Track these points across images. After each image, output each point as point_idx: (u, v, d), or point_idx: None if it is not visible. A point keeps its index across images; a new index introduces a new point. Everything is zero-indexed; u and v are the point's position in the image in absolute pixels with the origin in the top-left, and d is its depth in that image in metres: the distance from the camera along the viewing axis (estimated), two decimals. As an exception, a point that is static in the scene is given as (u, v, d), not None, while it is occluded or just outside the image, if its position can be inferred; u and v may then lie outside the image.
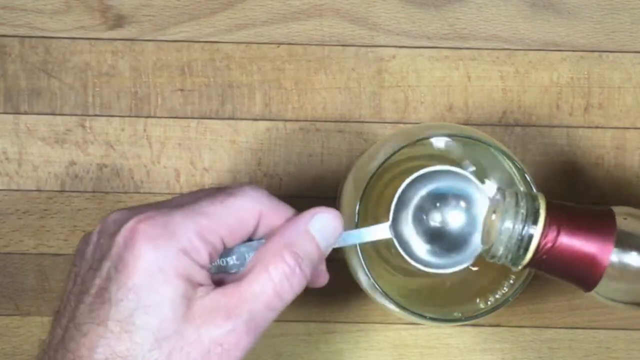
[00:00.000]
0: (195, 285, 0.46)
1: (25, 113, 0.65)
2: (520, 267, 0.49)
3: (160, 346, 0.45)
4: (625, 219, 0.48)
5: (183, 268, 0.45)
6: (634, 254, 0.48)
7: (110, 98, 0.65)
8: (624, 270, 0.48)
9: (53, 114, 0.65)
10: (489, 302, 0.55)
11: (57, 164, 0.65)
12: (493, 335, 0.66)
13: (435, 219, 0.54)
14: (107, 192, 0.66)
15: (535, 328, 0.66)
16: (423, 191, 0.53)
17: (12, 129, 0.65)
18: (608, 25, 0.65)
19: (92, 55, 0.65)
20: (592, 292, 0.49)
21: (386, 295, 0.53)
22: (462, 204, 0.53)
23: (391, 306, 0.54)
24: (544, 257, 0.48)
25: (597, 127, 0.66)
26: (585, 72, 0.65)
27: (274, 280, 0.46)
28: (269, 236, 0.48)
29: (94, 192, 0.66)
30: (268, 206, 0.48)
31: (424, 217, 0.54)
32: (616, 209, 0.49)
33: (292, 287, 0.47)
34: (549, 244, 0.48)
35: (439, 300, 0.57)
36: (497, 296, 0.55)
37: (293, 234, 0.48)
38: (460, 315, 0.55)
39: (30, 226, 0.66)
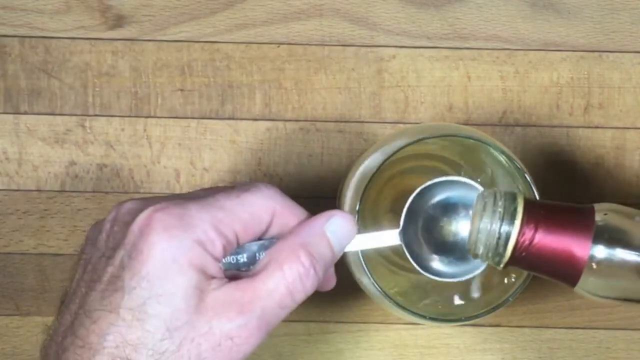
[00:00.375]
0: (208, 277, 0.46)
1: (25, 113, 0.65)
2: (502, 266, 0.49)
3: (171, 336, 0.45)
4: (605, 214, 0.49)
5: (197, 259, 0.45)
6: (613, 249, 0.48)
7: (110, 98, 0.65)
8: (605, 266, 0.48)
9: (53, 114, 0.65)
10: (490, 301, 0.55)
11: (57, 164, 0.65)
12: (493, 335, 0.66)
13: (442, 228, 0.54)
14: (107, 192, 0.66)
15: (535, 328, 0.66)
16: (431, 199, 0.53)
17: (12, 129, 0.65)
18: (608, 25, 0.65)
19: (92, 55, 0.65)
20: (578, 289, 0.49)
21: (386, 295, 0.53)
22: (470, 213, 0.53)
23: (391, 306, 0.54)
24: (524, 254, 0.48)
25: (597, 127, 0.66)
26: (585, 72, 0.65)
27: (287, 279, 0.47)
28: (284, 235, 0.49)
29: (94, 192, 0.66)
30: (282, 205, 0.49)
31: (432, 225, 0.54)
32: (598, 206, 0.49)
33: (304, 288, 0.47)
34: (527, 242, 0.48)
35: (439, 299, 0.57)
36: (499, 295, 0.55)
37: (309, 234, 0.48)
38: (460, 315, 0.55)
39: (30, 226, 0.66)
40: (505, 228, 0.48)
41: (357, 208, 0.53)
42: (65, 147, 0.65)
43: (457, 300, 0.57)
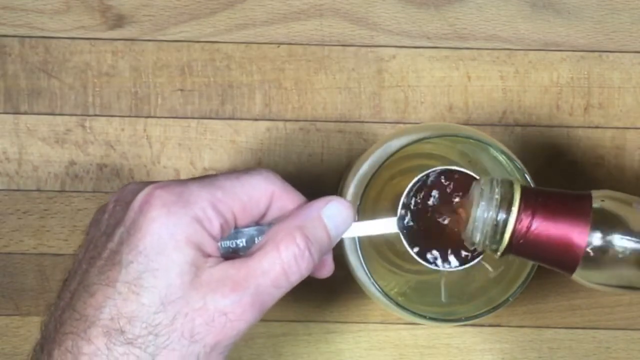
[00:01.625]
0: (204, 254, 0.46)
1: (25, 113, 0.65)
2: (499, 254, 0.49)
3: (165, 309, 0.45)
4: (603, 200, 0.48)
5: (194, 236, 0.46)
6: (611, 236, 0.48)
7: (110, 98, 0.65)
8: (603, 253, 0.48)
9: (53, 114, 0.65)
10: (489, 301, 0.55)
11: (57, 164, 0.65)
12: (493, 335, 0.66)
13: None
14: (107, 192, 0.66)
15: (535, 328, 0.66)
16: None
17: (12, 129, 0.65)
18: (608, 25, 0.65)
19: (92, 55, 0.65)
20: (577, 277, 0.49)
21: (386, 295, 0.53)
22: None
23: (391, 306, 0.54)
24: (521, 242, 0.48)
25: (597, 127, 0.66)
26: (585, 72, 0.65)
27: (283, 259, 0.47)
28: (281, 218, 0.49)
29: (94, 192, 0.66)
30: (281, 189, 0.49)
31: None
32: (595, 193, 0.49)
33: (299, 269, 0.47)
34: (524, 229, 0.48)
35: (439, 299, 0.57)
36: (499, 295, 0.55)
37: (306, 217, 0.48)
38: (460, 315, 0.55)
39: (30, 226, 0.66)
40: (502, 215, 0.48)
41: (357, 207, 0.53)
42: (65, 147, 0.65)
43: (457, 300, 0.57)
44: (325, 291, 0.65)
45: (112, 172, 0.65)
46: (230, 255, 0.49)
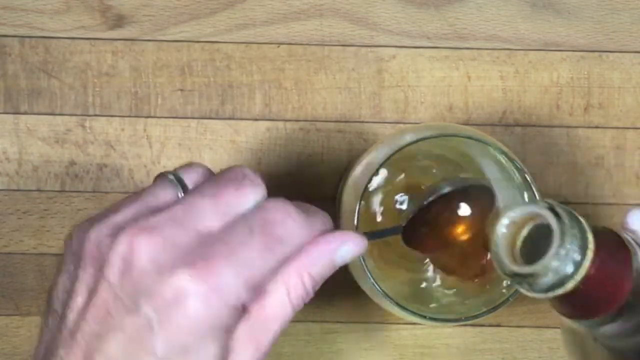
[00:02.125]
0: (232, 330, 0.46)
1: (25, 113, 0.65)
2: (549, 295, 0.42)
3: None
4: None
5: (227, 320, 0.45)
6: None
7: (110, 98, 0.65)
8: (635, 300, 0.43)
9: (53, 114, 0.65)
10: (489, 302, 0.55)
11: (57, 164, 0.65)
12: (493, 335, 0.66)
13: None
14: (107, 192, 0.66)
15: (535, 328, 0.66)
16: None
17: (12, 129, 0.65)
18: (608, 25, 0.65)
19: (92, 55, 0.65)
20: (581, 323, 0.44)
21: (386, 295, 0.53)
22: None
23: (391, 306, 0.54)
24: (581, 287, 0.42)
25: (597, 127, 0.66)
26: (585, 72, 0.65)
27: (293, 304, 0.47)
28: (293, 255, 0.47)
29: (94, 192, 0.66)
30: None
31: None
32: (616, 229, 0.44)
33: (303, 304, 0.47)
34: (592, 271, 0.41)
35: (439, 299, 0.57)
36: (499, 295, 0.55)
37: (318, 259, 0.47)
38: (460, 315, 0.55)
39: (31, 226, 0.66)
40: (578, 256, 0.41)
41: (357, 208, 0.53)
42: (65, 147, 0.65)
43: (457, 300, 0.57)
44: (326, 291, 0.65)
45: (112, 172, 0.65)
46: None
